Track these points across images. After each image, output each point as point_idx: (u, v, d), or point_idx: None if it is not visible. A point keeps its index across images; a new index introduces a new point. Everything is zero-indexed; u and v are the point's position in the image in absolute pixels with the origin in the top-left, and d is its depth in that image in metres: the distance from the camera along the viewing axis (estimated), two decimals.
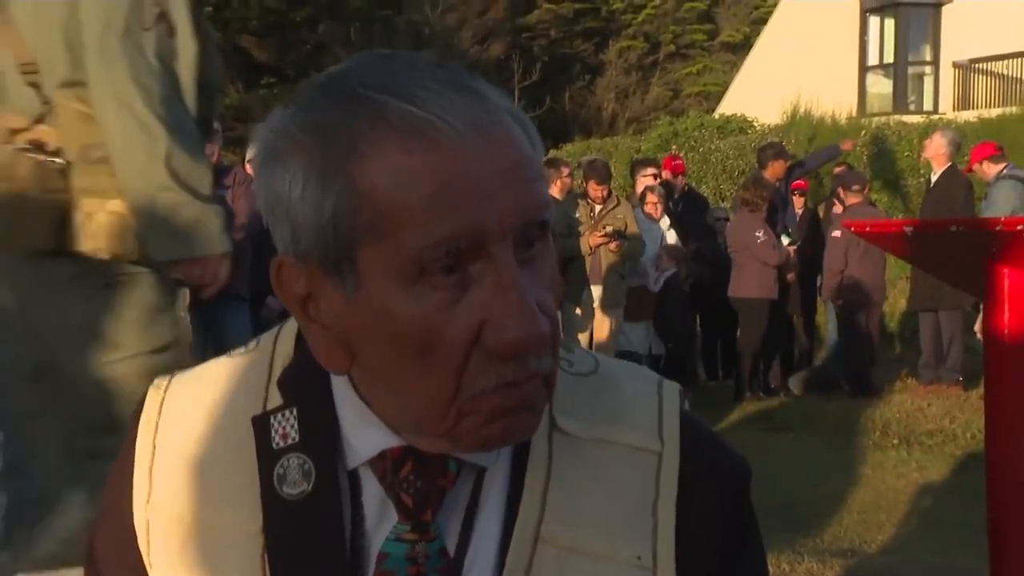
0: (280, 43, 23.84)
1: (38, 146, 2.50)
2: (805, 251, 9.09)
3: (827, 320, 9.71)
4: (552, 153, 16.26)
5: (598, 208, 7.95)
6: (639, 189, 8.91)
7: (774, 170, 9.11)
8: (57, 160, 2.49)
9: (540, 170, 0.87)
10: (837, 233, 8.65)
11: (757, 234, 8.55)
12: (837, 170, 10.30)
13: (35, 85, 2.54)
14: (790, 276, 8.85)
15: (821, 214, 9.87)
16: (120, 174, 2.44)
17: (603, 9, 28.50)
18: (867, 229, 2.67)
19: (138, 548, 0.97)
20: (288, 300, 0.90)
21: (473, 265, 0.83)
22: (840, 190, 9.04)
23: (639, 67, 28.38)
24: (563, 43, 27.82)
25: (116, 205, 2.47)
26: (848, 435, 7.42)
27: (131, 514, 0.97)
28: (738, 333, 8.94)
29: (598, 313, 7.95)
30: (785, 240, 8.83)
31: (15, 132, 2.53)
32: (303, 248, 0.86)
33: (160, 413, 0.99)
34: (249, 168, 7.12)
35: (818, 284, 9.40)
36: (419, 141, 0.82)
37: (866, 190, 9.11)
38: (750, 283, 8.61)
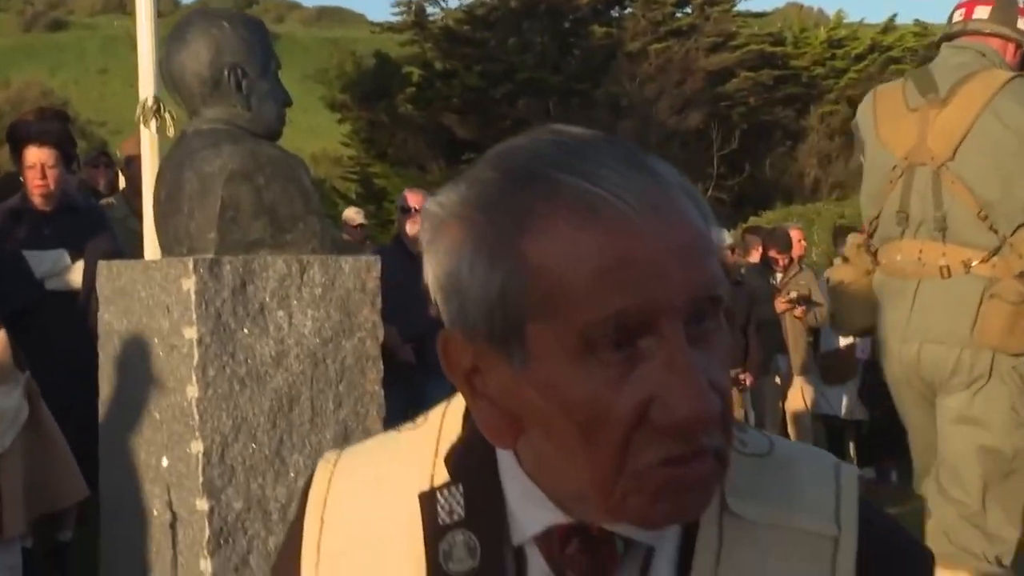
0: (481, 120, 24.41)
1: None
2: None
3: None
4: (752, 221, 16.03)
5: (780, 276, 7.93)
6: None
7: None
8: None
9: (713, 246, 0.86)
10: None
11: None
12: None
13: (992, 228, 3.51)
14: None
15: None
16: None
17: (803, 75, 28.06)
18: None
19: None
20: (454, 374, 0.91)
21: (643, 341, 0.83)
22: None
23: (842, 131, 27.72)
24: (763, 110, 27.46)
25: None
26: None
27: None
28: None
29: (794, 380, 7.89)
30: None
31: (967, 263, 3.54)
32: (471, 323, 0.87)
33: (329, 489, 1.01)
34: None
35: None
36: (592, 218, 0.82)
37: None
38: None
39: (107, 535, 3.57)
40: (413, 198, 6.69)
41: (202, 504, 3.19)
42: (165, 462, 3.30)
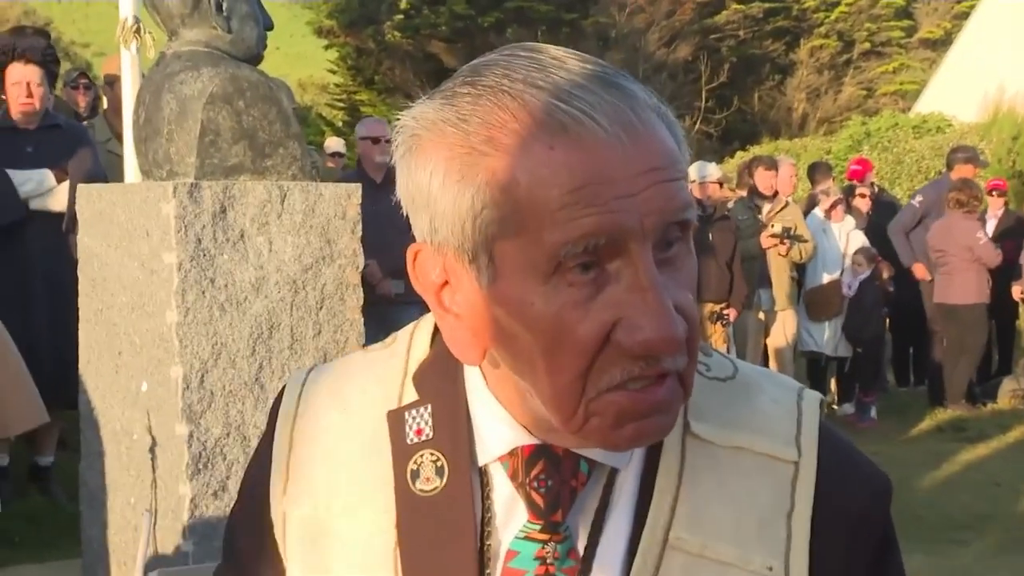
0: (468, 48, 24.16)
1: None
2: (1005, 254, 8.63)
3: None
4: (739, 156, 15.98)
5: (766, 208, 7.90)
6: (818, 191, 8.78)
7: (960, 174, 8.73)
8: None
9: (684, 170, 0.86)
10: None
11: (978, 235, 8.17)
12: None
13: None
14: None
15: None
16: None
17: (794, 8, 27.78)
18: None
19: (275, 539, 0.99)
20: (423, 288, 0.90)
21: (611, 263, 0.82)
22: None
23: (831, 66, 27.57)
24: (752, 43, 27.23)
25: None
26: None
27: (268, 505, 0.99)
28: (942, 340, 8.47)
29: (776, 315, 7.91)
30: None
31: None
32: (441, 238, 0.86)
33: (298, 406, 1.01)
34: None
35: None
36: (563, 137, 0.81)
37: None
38: (967, 288, 8.19)
39: (87, 459, 3.58)
40: (380, 128, 6.57)
41: (181, 429, 3.19)
42: (145, 386, 3.30)
